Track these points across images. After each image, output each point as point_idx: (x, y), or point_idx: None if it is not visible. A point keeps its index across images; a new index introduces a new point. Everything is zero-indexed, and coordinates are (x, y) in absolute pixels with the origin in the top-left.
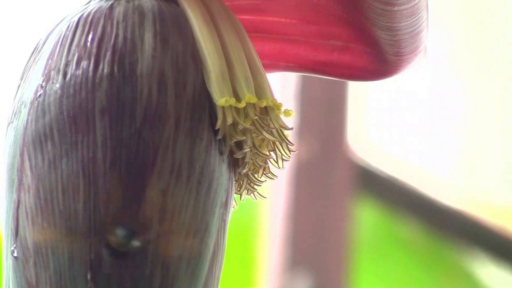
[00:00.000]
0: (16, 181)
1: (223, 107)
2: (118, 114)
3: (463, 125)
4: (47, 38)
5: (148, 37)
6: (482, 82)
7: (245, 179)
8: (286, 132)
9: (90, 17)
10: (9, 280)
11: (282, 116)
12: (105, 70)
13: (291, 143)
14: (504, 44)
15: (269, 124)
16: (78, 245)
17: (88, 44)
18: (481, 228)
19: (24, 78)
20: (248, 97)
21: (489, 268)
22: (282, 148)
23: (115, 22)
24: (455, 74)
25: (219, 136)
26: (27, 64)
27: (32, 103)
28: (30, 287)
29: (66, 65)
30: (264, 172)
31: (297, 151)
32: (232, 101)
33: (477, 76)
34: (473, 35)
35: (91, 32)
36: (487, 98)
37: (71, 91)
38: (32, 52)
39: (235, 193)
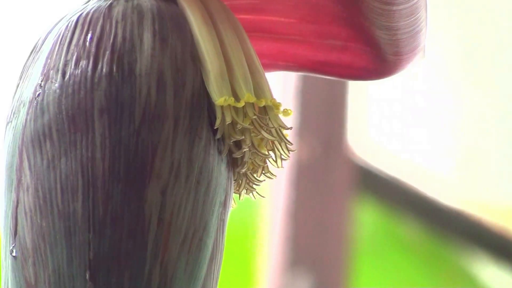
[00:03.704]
0: (15, 180)
1: (222, 107)
2: (117, 113)
3: (464, 125)
4: (46, 38)
5: (147, 37)
6: (483, 82)
7: (244, 179)
8: (285, 131)
9: (89, 17)
10: (8, 280)
11: (281, 116)
12: (104, 70)
13: (290, 142)
14: (504, 43)
15: (268, 123)
16: (77, 244)
17: (87, 43)
18: (482, 229)
19: (23, 77)
20: (247, 96)
21: (489, 268)
22: (281, 148)
23: (114, 22)
24: (457, 74)
25: (218, 136)
26: (26, 63)
27: (31, 102)
28: (29, 287)
29: (65, 64)
30: (263, 172)
31: (297, 151)
32: (231, 100)
33: (478, 75)
34: (471, 34)
35: (90, 32)
36: (487, 98)
37: (70, 90)
38: (31, 52)
39: (234, 192)
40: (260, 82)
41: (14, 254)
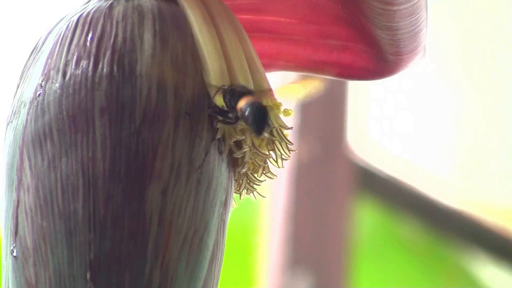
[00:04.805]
0: (15, 180)
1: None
2: (118, 113)
3: (464, 125)
4: (46, 38)
5: (148, 37)
6: (483, 82)
7: (245, 179)
8: (285, 131)
9: (89, 17)
10: (8, 280)
11: (281, 116)
12: (105, 70)
13: (291, 142)
14: (504, 43)
15: (268, 123)
16: (77, 244)
17: (88, 43)
18: (481, 228)
19: (23, 77)
20: None
21: (489, 268)
22: (282, 148)
23: (114, 22)
24: (457, 74)
25: (219, 136)
26: (26, 63)
27: (31, 102)
28: (30, 287)
29: (66, 64)
30: (264, 172)
31: (297, 151)
32: None
33: (478, 75)
34: (471, 34)
35: (91, 32)
36: (488, 98)
37: (71, 90)
38: (32, 52)
39: (235, 192)
40: (261, 82)
41: (14, 254)
